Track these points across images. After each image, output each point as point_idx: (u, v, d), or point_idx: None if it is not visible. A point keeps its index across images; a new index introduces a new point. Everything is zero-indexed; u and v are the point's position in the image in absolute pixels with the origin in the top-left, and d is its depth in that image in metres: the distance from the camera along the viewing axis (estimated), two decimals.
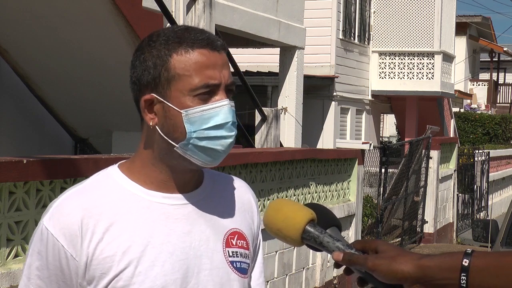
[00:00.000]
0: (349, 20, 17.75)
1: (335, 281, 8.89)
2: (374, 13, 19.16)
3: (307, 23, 13.40)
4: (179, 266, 1.69)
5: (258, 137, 9.56)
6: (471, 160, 20.01)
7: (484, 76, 38.43)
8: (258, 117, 9.60)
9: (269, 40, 11.63)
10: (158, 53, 1.69)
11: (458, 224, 17.81)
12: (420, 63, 19.37)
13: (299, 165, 7.71)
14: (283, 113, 11.76)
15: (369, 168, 12.31)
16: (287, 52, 12.41)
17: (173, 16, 6.90)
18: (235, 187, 1.88)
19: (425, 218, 14.70)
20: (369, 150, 10.17)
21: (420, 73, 19.39)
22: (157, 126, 1.70)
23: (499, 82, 39.92)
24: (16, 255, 3.88)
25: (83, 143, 10.18)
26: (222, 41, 1.73)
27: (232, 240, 1.79)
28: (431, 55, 19.28)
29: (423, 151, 14.13)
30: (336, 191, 8.85)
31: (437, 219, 15.25)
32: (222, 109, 1.68)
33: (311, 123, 15.96)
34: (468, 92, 33.58)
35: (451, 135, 22.90)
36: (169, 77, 1.68)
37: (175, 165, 1.72)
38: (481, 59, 38.05)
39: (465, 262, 1.46)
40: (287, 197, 7.36)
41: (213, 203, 1.79)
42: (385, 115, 26.28)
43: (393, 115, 23.29)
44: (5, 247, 3.80)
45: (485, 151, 21.66)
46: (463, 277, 1.45)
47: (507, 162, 25.11)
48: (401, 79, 19.37)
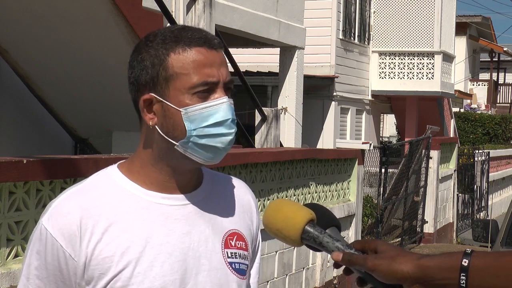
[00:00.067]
0: (349, 20, 17.75)
1: (335, 281, 8.89)
2: (374, 13, 19.15)
3: (307, 23, 13.40)
4: (178, 267, 1.69)
5: (258, 137, 9.56)
6: (471, 160, 20.01)
7: (484, 76, 38.42)
8: (258, 117, 9.60)
9: (269, 40, 11.62)
10: (156, 52, 1.69)
11: (458, 224, 17.80)
12: (420, 63, 19.36)
13: (299, 165, 7.71)
14: (283, 113, 11.75)
15: (369, 168, 12.31)
16: (287, 52, 12.41)
17: (173, 16, 6.91)
18: (235, 188, 1.88)
19: (425, 218, 14.70)
20: (369, 150, 10.16)
21: (420, 73, 19.38)
22: (157, 126, 1.69)
23: (499, 82, 39.91)
24: (16, 255, 3.88)
25: (83, 143, 10.17)
26: (219, 39, 1.73)
27: (231, 241, 1.78)
28: (431, 55, 19.28)
29: (423, 151, 14.12)
30: (336, 191, 8.84)
31: (437, 219, 15.24)
32: (221, 107, 1.68)
33: (311, 123, 15.95)
34: (468, 92, 33.58)
35: (451, 135, 22.89)
36: (167, 76, 1.68)
37: (175, 165, 1.72)
38: (481, 59, 38.04)
39: (465, 262, 1.46)
40: (287, 197, 7.35)
41: (212, 204, 1.79)
42: (385, 115, 26.27)
43: (393, 115, 23.29)
44: (5, 247, 3.80)
45: (485, 151, 21.66)
46: (463, 277, 1.45)
47: (507, 162, 25.11)
48: (401, 79, 19.37)
